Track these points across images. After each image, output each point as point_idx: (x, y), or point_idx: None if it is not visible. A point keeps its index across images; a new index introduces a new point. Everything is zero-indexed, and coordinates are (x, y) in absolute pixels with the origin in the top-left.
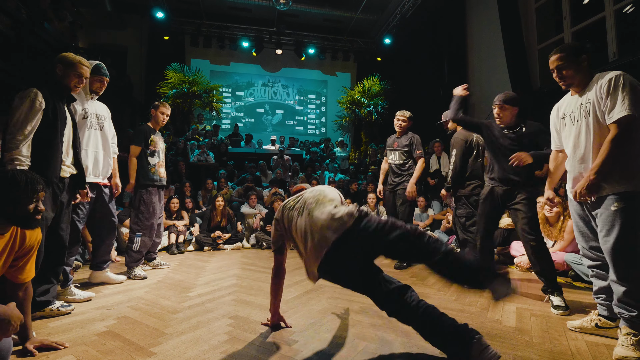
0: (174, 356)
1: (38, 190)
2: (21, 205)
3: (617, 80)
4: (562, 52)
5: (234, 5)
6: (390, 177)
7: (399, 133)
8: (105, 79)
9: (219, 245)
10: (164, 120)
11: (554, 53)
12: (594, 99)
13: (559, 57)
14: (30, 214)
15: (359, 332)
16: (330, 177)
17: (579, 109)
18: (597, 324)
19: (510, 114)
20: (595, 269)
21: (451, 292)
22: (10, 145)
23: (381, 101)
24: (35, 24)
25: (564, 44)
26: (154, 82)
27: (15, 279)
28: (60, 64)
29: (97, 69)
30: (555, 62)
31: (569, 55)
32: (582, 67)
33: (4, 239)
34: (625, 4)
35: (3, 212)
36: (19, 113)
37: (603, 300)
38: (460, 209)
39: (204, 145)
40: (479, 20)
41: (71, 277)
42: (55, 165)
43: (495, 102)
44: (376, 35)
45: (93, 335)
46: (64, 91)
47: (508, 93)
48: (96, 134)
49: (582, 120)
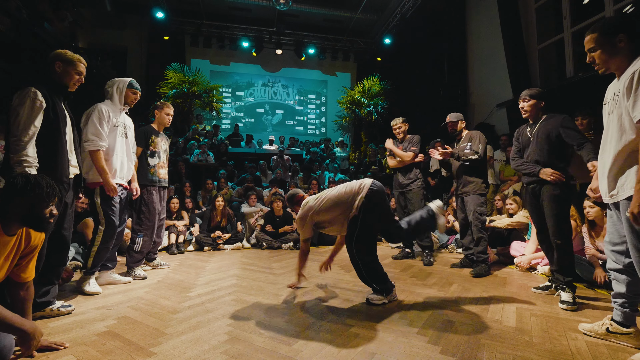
0: (174, 356)
1: (56, 195)
2: (39, 210)
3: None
4: (594, 32)
5: (234, 5)
6: (398, 180)
7: (400, 139)
8: (138, 92)
9: (219, 245)
10: (169, 121)
11: (587, 33)
12: (622, 91)
13: (590, 39)
14: (46, 218)
15: (359, 332)
16: (330, 177)
17: (613, 99)
18: (609, 329)
19: (535, 108)
20: (615, 272)
21: (451, 292)
22: (17, 147)
23: (381, 101)
24: (35, 24)
25: (600, 20)
26: (154, 82)
27: (17, 277)
28: (59, 61)
29: (131, 84)
30: (587, 44)
31: (601, 35)
32: (618, 49)
33: (12, 240)
34: (625, 4)
35: (18, 214)
36: (21, 114)
37: (619, 306)
38: (482, 207)
39: (204, 146)
40: (479, 20)
41: (97, 270)
42: (63, 165)
43: (521, 95)
44: (376, 35)
45: (93, 335)
46: (62, 89)
47: (533, 88)
48: (122, 141)
49: (612, 114)
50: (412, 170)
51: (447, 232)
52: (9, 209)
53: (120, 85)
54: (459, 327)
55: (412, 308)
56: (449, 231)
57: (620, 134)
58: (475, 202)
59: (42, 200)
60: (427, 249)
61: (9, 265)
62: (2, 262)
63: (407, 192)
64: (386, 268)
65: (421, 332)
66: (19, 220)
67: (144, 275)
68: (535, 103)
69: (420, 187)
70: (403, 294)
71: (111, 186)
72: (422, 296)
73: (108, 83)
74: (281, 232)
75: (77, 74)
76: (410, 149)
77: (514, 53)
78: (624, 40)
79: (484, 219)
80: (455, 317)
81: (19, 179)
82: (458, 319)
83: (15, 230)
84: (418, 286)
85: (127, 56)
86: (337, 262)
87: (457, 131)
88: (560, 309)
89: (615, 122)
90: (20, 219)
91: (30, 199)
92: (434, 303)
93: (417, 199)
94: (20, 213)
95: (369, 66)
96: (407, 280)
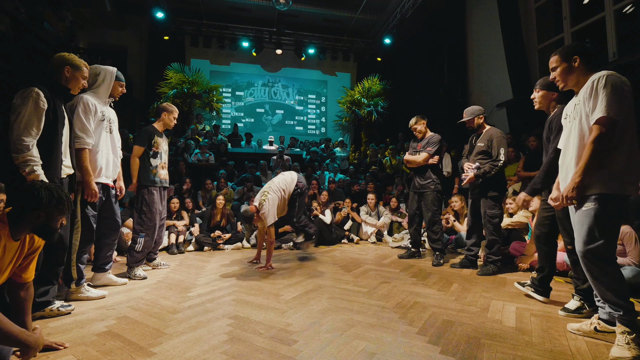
0: (174, 356)
1: (70, 208)
2: (54, 221)
3: (600, 81)
4: (555, 54)
5: (234, 5)
6: (416, 179)
7: (420, 137)
8: (124, 85)
9: (219, 245)
10: (174, 124)
11: (551, 55)
12: (582, 100)
13: (553, 60)
14: (57, 229)
15: (359, 332)
16: (330, 177)
17: (574, 110)
18: (597, 328)
19: (547, 99)
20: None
21: (451, 292)
22: (20, 147)
23: (381, 101)
24: (35, 24)
25: (561, 46)
26: (154, 82)
27: (18, 278)
28: (68, 66)
29: (118, 75)
30: (550, 64)
31: (560, 57)
32: (574, 68)
33: (17, 244)
34: (625, 4)
35: (33, 225)
36: (23, 114)
37: (602, 303)
38: (494, 210)
39: (205, 146)
40: (479, 21)
41: (84, 275)
42: (56, 165)
43: (536, 86)
44: (376, 35)
45: (93, 335)
46: (66, 92)
47: (547, 77)
48: (107, 137)
49: (573, 122)
50: (427, 171)
51: (447, 232)
52: (26, 218)
53: (108, 75)
54: (459, 327)
55: (412, 308)
56: (449, 231)
57: (580, 138)
58: (486, 205)
59: (60, 214)
60: (437, 251)
61: (12, 267)
62: (6, 265)
63: (422, 194)
64: (386, 268)
65: (421, 332)
66: (30, 230)
67: (144, 275)
68: (545, 94)
69: (435, 190)
70: (403, 294)
71: (93, 190)
72: (422, 296)
73: (91, 68)
74: (281, 231)
75: (83, 79)
76: (426, 149)
77: (514, 53)
78: (578, 60)
79: (495, 221)
80: (455, 317)
81: (43, 193)
82: (458, 319)
83: (22, 234)
84: (418, 286)
85: (127, 56)
86: (337, 263)
87: (475, 127)
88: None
89: (577, 128)
90: (32, 229)
91: (51, 212)
92: (434, 303)
93: (432, 201)
94: (36, 224)
95: (369, 66)
96: (407, 280)
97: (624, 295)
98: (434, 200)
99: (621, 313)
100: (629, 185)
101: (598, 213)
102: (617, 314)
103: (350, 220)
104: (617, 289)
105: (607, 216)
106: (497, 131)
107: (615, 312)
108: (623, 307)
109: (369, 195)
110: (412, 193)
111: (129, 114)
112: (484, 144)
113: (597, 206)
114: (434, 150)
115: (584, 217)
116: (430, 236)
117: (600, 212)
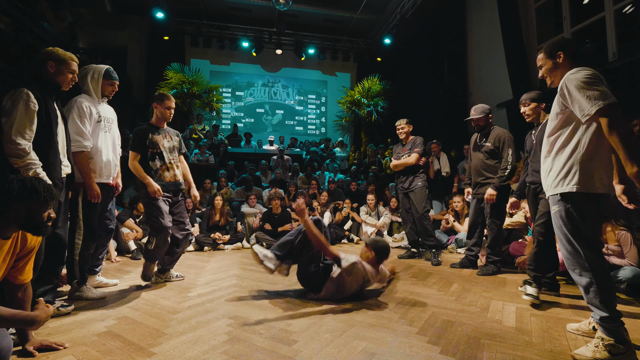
0: (174, 356)
1: (53, 198)
2: (37, 215)
3: (568, 84)
4: (541, 52)
5: (233, 6)
6: (401, 181)
7: (404, 140)
8: (116, 82)
9: (219, 246)
10: (171, 114)
11: (538, 53)
12: (556, 96)
13: (539, 57)
14: (44, 223)
15: (359, 332)
16: (330, 177)
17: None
18: (595, 327)
19: (536, 111)
20: None
21: (451, 292)
22: (18, 151)
23: (381, 101)
24: (35, 24)
25: (547, 42)
26: (154, 82)
27: (14, 280)
28: (51, 60)
29: (107, 73)
30: (538, 62)
31: (545, 54)
32: (559, 64)
33: (7, 243)
34: (625, 4)
35: (15, 220)
36: (14, 115)
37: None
38: (497, 210)
39: (204, 146)
40: (479, 21)
41: (87, 276)
42: (56, 165)
43: (521, 101)
44: (376, 35)
45: (93, 336)
46: (56, 89)
47: (532, 92)
48: (106, 136)
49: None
50: (415, 171)
51: (447, 232)
52: (6, 215)
53: (95, 75)
54: (459, 327)
55: (412, 308)
56: (449, 231)
57: (549, 133)
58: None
59: (39, 206)
60: (433, 248)
61: (5, 267)
62: None
63: (410, 193)
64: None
65: (421, 332)
66: (16, 226)
67: (181, 276)
68: (536, 106)
69: (423, 188)
70: (403, 294)
71: (95, 192)
72: (422, 296)
73: (81, 71)
74: (281, 230)
75: (70, 73)
76: (414, 150)
77: (514, 53)
78: (562, 56)
79: (498, 222)
80: (455, 317)
81: (14, 184)
82: (458, 319)
83: (11, 233)
84: (418, 286)
85: (127, 56)
86: None
87: (482, 126)
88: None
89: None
90: (17, 224)
91: (28, 204)
92: (434, 303)
93: (420, 200)
94: (18, 219)
95: (369, 66)
96: (407, 280)
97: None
98: (423, 197)
99: (598, 318)
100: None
101: (568, 212)
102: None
103: (350, 220)
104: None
105: (575, 214)
106: (504, 131)
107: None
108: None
109: (368, 196)
110: (402, 195)
111: (129, 114)
112: (492, 144)
113: (563, 205)
114: (422, 150)
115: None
116: (421, 232)
117: (568, 211)
